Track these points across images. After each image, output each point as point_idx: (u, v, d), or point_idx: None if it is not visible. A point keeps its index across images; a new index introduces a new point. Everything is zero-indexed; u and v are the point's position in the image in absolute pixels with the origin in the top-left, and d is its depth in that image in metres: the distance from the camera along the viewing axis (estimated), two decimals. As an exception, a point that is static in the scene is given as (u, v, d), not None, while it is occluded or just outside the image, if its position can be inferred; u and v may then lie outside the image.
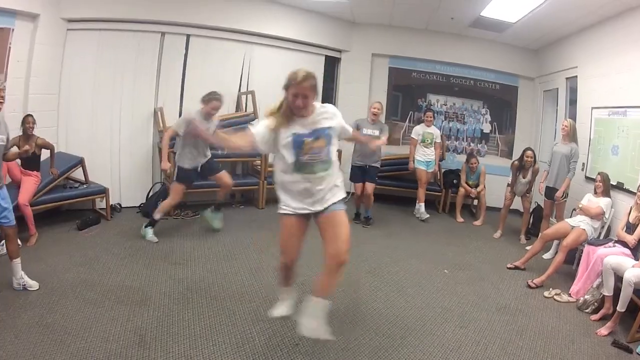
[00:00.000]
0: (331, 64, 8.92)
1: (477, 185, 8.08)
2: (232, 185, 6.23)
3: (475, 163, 8.09)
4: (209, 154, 5.86)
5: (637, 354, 3.81)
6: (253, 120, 7.49)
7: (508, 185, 7.18)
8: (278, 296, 3.64)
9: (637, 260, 4.41)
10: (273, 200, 3.60)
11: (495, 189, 8.31)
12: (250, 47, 7.81)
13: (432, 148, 7.89)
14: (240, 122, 7.31)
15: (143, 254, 5.12)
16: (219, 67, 7.49)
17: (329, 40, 8.68)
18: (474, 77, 9.38)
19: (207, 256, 5.21)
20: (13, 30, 5.80)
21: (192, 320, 3.64)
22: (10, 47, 5.81)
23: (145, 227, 5.71)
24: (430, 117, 8.03)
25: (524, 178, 6.97)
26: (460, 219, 8.01)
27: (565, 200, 6.29)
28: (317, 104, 3.09)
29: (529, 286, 5.08)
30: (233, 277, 4.60)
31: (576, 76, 7.42)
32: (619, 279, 4.22)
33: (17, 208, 5.21)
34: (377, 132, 6.79)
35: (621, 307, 4.12)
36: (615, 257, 4.46)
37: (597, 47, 6.74)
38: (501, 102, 9.46)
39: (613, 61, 6.30)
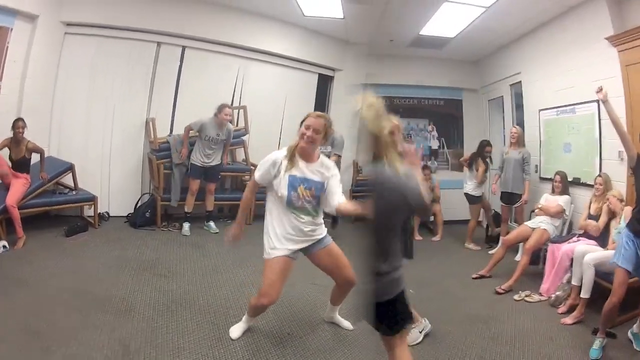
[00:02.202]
0: (324, 83, 8.94)
1: (433, 200, 8.01)
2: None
3: (428, 174, 8.05)
4: (217, 159, 6.76)
5: (631, 335, 3.87)
6: (244, 135, 7.57)
7: (474, 202, 7.26)
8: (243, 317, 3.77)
9: (604, 248, 4.58)
10: (261, 216, 3.63)
11: (450, 202, 8.41)
12: (245, 62, 7.86)
13: None
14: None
15: (129, 264, 5.12)
16: (213, 80, 7.55)
17: (322, 58, 8.71)
18: (417, 95, 9.54)
19: (192, 269, 5.21)
20: (12, 29, 5.87)
21: (176, 332, 3.64)
22: (7, 47, 5.86)
23: (184, 222, 6.71)
24: None
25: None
26: (418, 237, 7.83)
27: (525, 202, 6.49)
28: (323, 157, 3.42)
29: (497, 292, 5.08)
30: (218, 291, 4.60)
31: (520, 82, 7.72)
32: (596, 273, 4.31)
33: (4, 209, 5.29)
34: (328, 149, 6.76)
35: (585, 293, 4.23)
36: (584, 246, 4.65)
37: (540, 51, 6.99)
38: (447, 116, 9.63)
39: (557, 62, 6.55)
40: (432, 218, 8.41)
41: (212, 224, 6.92)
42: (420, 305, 4.53)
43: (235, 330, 3.69)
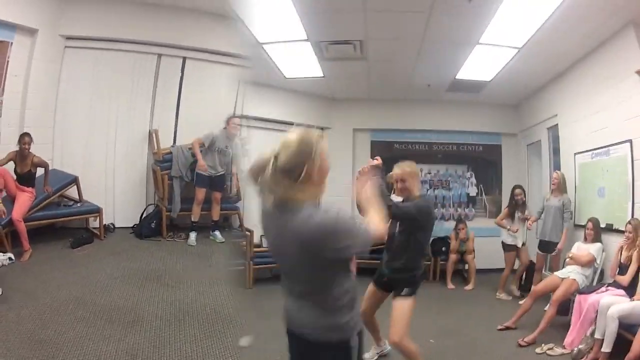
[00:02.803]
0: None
1: (465, 251, 7.91)
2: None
3: (463, 228, 7.98)
4: (221, 170, 6.69)
5: None
6: (246, 144, 7.52)
7: (509, 250, 7.04)
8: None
9: (632, 297, 4.32)
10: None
11: (487, 250, 8.04)
12: (245, 71, 7.67)
13: None
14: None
15: (135, 274, 5.13)
16: (214, 89, 7.50)
17: (307, 118, 8.22)
18: (456, 141, 9.21)
19: (199, 279, 5.20)
20: (12, 44, 5.90)
21: (183, 342, 3.65)
22: (8, 61, 5.88)
23: (190, 231, 6.60)
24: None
25: (522, 214, 6.89)
26: (451, 286, 7.71)
27: (560, 250, 6.11)
28: None
29: (520, 345, 4.79)
30: (225, 301, 4.60)
31: (557, 125, 7.34)
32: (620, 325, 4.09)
33: (10, 223, 5.28)
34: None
35: (607, 347, 4.00)
36: (610, 297, 4.40)
37: (574, 91, 6.64)
38: (485, 163, 9.30)
39: (590, 102, 6.20)
40: (466, 266, 8.17)
41: (217, 233, 6.83)
42: (439, 356, 4.51)
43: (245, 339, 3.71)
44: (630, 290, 4.48)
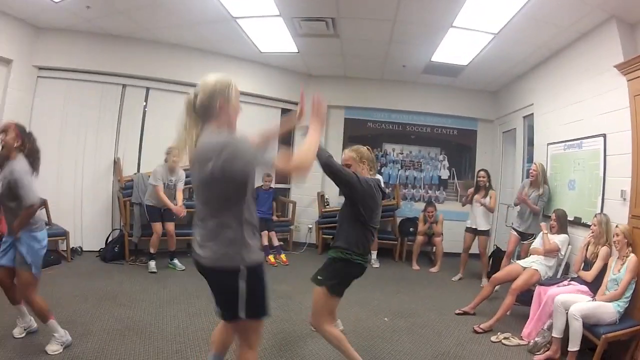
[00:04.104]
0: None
1: (433, 234, 8.06)
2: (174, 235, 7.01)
3: (432, 211, 8.12)
4: (171, 201, 6.77)
5: None
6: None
7: (467, 229, 7.27)
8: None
9: (594, 295, 4.35)
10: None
11: (455, 234, 8.29)
12: None
13: None
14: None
15: (94, 294, 5.40)
16: (176, 119, 7.75)
17: (284, 93, 8.93)
18: (431, 123, 9.45)
19: (151, 300, 5.46)
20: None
21: (124, 354, 3.92)
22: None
23: (149, 260, 6.77)
24: None
25: (483, 198, 7.00)
26: (416, 267, 7.95)
27: (533, 240, 5.95)
28: None
29: (475, 331, 4.84)
30: (170, 320, 4.83)
31: (532, 114, 7.42)
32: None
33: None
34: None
35: (573, 346, 3.99)
36: (566, 295, 4.37)
37: (551, 82, 6.68)
38: (460, 147, 9.49)
39: (567, 93, 6.21)
40: (433, 249, 8.39)
41: (176, 261, 7.07)
42: (392, 336, 4.71)
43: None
44: (593, 286, 4.52)
